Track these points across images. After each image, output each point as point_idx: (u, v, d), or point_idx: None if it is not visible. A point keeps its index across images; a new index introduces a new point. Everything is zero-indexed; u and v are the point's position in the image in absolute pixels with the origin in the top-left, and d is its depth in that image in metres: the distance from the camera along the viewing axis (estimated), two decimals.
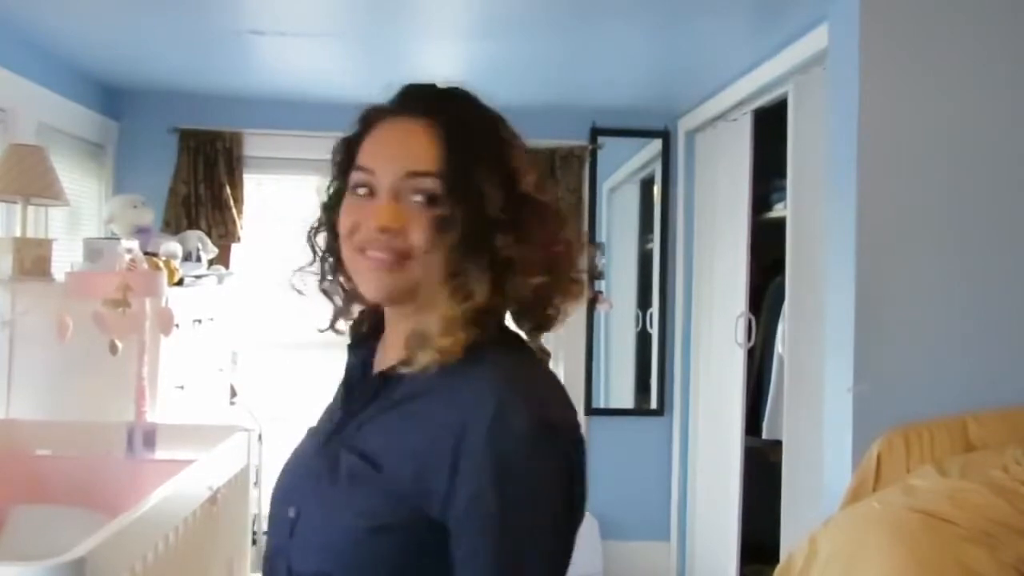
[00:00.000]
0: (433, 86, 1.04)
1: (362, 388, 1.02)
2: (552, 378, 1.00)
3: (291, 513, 0.98)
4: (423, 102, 1.00)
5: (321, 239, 1.06)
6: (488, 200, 0.93)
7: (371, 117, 1.02)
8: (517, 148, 1.02)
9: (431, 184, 0.93)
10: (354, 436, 0.98)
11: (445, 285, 0.94)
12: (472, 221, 0.93)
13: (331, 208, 1.03)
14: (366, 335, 1.08)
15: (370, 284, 0.97)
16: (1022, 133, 2.35)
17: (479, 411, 0.88)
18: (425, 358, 0.92)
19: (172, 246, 3.25)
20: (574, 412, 0.96)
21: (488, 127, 1.01)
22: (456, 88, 1.03)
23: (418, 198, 0.94)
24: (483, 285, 0.93)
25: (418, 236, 0.93)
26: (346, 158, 1.02)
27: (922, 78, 2.33)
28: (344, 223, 0.99)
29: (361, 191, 0.97)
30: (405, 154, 0.95)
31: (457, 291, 0.93)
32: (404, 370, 0.95)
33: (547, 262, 0.96)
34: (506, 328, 1.00)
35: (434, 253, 0.94)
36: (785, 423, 3.05)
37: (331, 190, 1.05)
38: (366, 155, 0.98)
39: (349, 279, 1.03)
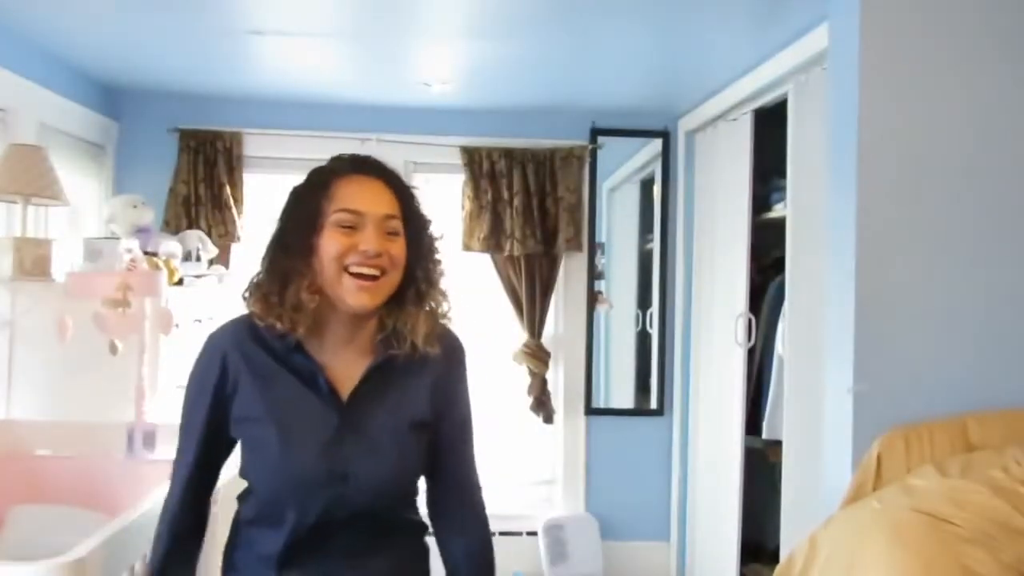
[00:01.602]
0: (380, 161, 1.48)
1: (325, 380, 1.42)
2: None
3: (346, 470, 1.39)
4: (374, 168, 1.45)
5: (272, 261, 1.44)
6: (426, 235, 1.47)
7: (332, 174, 1.44)
8: (423, 205, 1.50)
9: (397, 224, 1.42)
10: (370, 407, 1.43)
11: (403, 296, 1.44)
12: (421, 248, 1.45)
13: (299, 241, 1.40)
14: (296, 343, 1.42)
15: (359, 296, 1.39)
16: (1022, 133, 2.35)
17: (452, 364, 1.53)
18: (431, 348, 1.46)
19: (172, 246, 3.25)
20: None
21: (414, 193, 1.48)
22: (384, 162, 1.49)
23: (390, 232, 1.41)
24: (434, 291, 1.48)
25: (396, 256, 1.41)
26: (314, 204, 1.40)
27: (922, 78, 2.33)
28: (331, 249, 1.38)
29: (345, 227, 1.38)
30: (381, 202, 1.42)
31: (422, 299, 1.46)
32: (395, 352, 1.44)
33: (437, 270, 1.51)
34: None
35: (399, 271, 1.42)
36: (785, 423, 3.05)
37: (291, 229, 1.43)
38: (350, 201, 1.40)
39: (314, 293, 1.39)
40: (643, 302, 4.36)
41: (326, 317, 1.43)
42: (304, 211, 1.41)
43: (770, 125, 3.26)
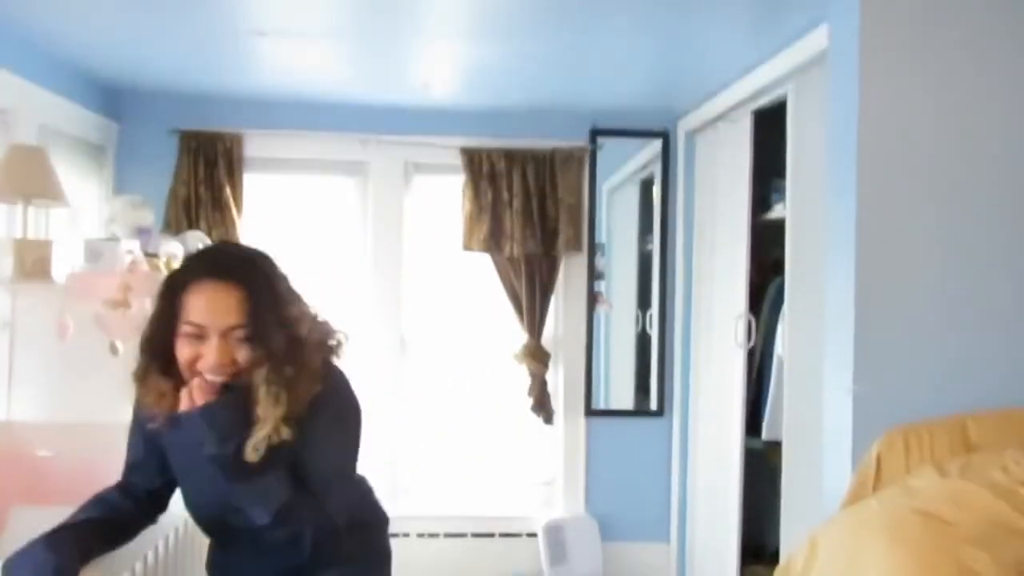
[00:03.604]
0: (237, 254, 1.60)
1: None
2: None
3: (237, 515, 1.59)
4: (227, 270, 1.52)
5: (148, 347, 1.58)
6: (273, 337, 1.51)
7: (187, 277, 1.53)
8: (283, 286, 1.58)
9: (243, 332, 1.50)
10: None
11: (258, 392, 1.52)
12: (272, 348, 1.51)
13: (159, 340, 1.55)
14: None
15: (209, 399, 1.52)
16: (1022, 133, 2.36)
17: (312, 419, 1.58)
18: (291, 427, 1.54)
19: (172, 247, 3.25)
20: None
21: (269, 285, 1.54)
22: (253, 256, 1.59)
23: (238, 339, 1.50)
24: (291, 386, 1.52)
25: (242, 362, 1.51)
26: (170, 308, 1.52)
27: (922, 78, 2.33)
28: (184, 355, 1.51)
29: (192, 336, 1.50)
30: (226, 312, 1.49)
31: (276, 398, 1.51)
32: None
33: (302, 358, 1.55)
34: None
35: (249, 373, 1.51)
36: (785, 424, 3.05)
37: (153, 328, 1.56)
38: (194, 313, 1.50)
39: (175, 387, 1.55)
40: (643, 303, 4.36)
41: None
42: (163, 315, 1.54)
43: (770, 125, 3.26)
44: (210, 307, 1.49)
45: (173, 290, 1.53)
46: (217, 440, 1.50)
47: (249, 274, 1.53)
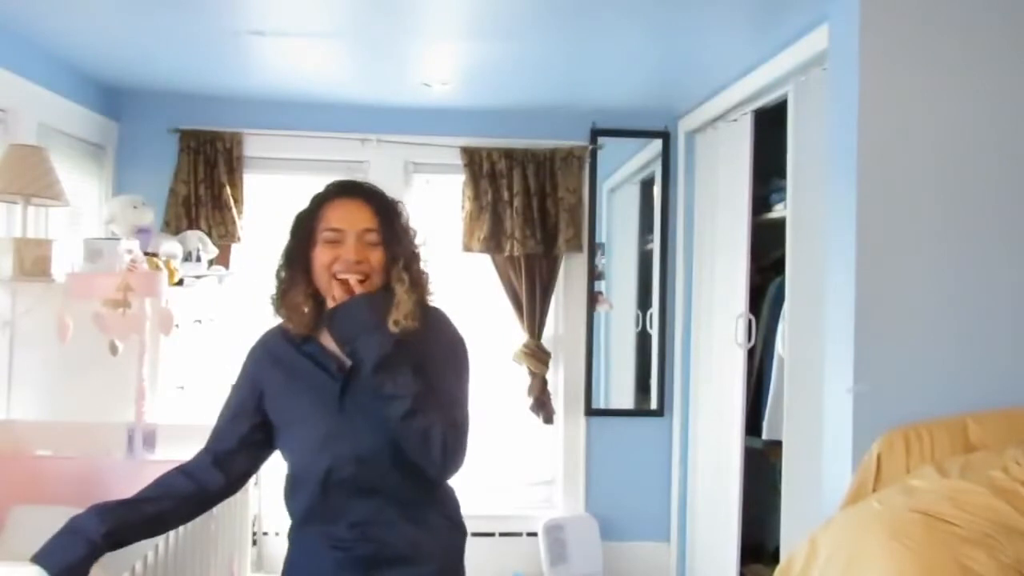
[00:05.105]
0: (359, 182, 1.81)
1: (334, 362, 1.73)
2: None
3: (345, 431, 1.68)
4: (356, 190, 1.77)
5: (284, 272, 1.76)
6: (400, 243, 1.74)
7: (322, 199, 1.76)
8: (405, 216, 1.80)
9: (375, 236, 1.72)
10: (362, 384, 1.67)
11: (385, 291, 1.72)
12: (399, 255, 1.73)
13: (297, 255, 1.74)
14: (305, 335, 1.77)
15: (344, 298, 1.68)
16: (1021, 133, 2.36)
17: (434, 340, 1.77)
18: (411, 323, 1.70)
19: (172, 246, 3.25)
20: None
21: (394, 207, 1.78)
22: (372, 184, 1.82)
23: (370, 243, 1.71)
24: (414, 288, 1.74)
25: (375, 262, 1.71)
26: (308, 225, 1.73)
27: (922, 78, 2.33)
28: (323, 259, 1.70)
29: (331, 242, 1.70)
30: (359, 219, 1.72)
31: (404, 294, 1.71)
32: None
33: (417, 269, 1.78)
34: None
35: (379, 275, 1.71)
36: (785, 423, 3.05)
37: (292, 246, 1.76)
38: (334, 221, 1.71)
39: (309, 297, 1.73)
40: (643, 302, 4.36)
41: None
42: (302, 231, 1.75)
43: (770, 125, 3.26)
44: (346, 214, 1.72)
45: (310, 210, 1.75)
46: (378, 322, 1.66)
47: (374, 194, 1.77)
